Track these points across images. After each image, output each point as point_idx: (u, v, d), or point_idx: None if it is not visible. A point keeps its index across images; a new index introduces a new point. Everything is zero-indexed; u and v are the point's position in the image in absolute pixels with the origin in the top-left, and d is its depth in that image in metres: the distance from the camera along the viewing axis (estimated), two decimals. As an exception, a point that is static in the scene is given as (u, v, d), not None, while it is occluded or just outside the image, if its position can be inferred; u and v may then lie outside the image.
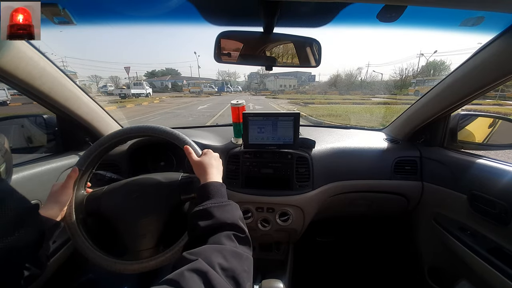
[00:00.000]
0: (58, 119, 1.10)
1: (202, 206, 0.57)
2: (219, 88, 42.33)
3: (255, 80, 68.13)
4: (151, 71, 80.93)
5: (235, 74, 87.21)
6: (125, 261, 0.69)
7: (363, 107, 14.33)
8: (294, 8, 0.71)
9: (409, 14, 0.63)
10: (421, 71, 45.30)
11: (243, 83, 75.29)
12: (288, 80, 60.28)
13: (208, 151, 0.76)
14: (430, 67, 48.65)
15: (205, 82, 43.92)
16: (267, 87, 58.60)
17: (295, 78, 62.68)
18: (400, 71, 47.10)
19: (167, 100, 24.11)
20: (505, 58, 0.77)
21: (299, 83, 62.21)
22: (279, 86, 58.07)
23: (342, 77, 54.86)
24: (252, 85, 65.19)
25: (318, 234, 1.73)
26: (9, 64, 0.72)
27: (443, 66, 48.06)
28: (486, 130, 1.15)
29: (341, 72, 56.90)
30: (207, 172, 0.68)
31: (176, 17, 0.74)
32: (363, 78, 55.75)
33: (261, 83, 63.28)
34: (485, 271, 0.85)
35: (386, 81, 44.67)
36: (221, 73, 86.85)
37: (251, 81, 71.38)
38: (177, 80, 60.56)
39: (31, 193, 0.85)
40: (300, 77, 64.14)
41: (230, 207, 0.59)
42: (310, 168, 1.13)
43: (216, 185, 0.64)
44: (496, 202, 0.85)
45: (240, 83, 71.96)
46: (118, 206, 0.72)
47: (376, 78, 52.95)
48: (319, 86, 55.53)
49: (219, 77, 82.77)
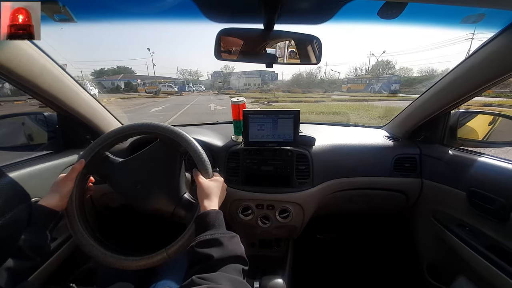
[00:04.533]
0: (59, 116, 1.10)
1: (211, 235, 0.58)
2: (179, 87, 40.10)
3: (219, 79, 65.28)
4: (99, 70, 71.50)
5: (198, 72, 79.03)
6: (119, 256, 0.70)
7: (325, 104, 14.60)
8: (295, 5, 0.71)
9: (410, 11, 0.63)
10: (372, 69, 49.44)
11: (206, 82, 69.44)
12: (253, 79, 59.27)
13: (217, 177, 0.77)
14: (379, 65, 54.11)
15: (163, 81, 41.26)
16: (231, 86, 56.80)
17: (259, 76, 61.31)
18: (354, 69, 51.32)
19: (116, 102, 21.27)
20: (506, 55, 0.76)
21: (263, 81, 60.95)
22: (244, 85, 56.97)
23: (303, 76, 56.40)
24: (216, 84, 61.88)
25: (318, 231, 1.74)
26: (10, 62, 0.72)
27: (388, 66, 54.80)
28: (486, 127, 1.15)
29: (302, 71, 57.87)
30: (210, 198, 0.69)
31: (177, 14, 0.73)
32: (323, 76, 58.50)
33: (225, 82, 60.73)
34: (484, 267, 0.86)
35: (342, 79, 46.04)
36: (182, 71, 79.68)
37: (214, 80, 68.36)
38: (131, 79, 54.02)
39: (31, 190, 0.85)
40: (264, 75, 62.60)
41: (237, 238, 0.60)
42: (310, 165, 1.14)
43: (217, 214, 0.65)
44: (494, 199, 0.85)
45: (203, 82, 66.49)
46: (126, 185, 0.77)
47: (334, 76, 55.73)
48: (283, 84, 56.28)
49: (179, 75, 74.87)
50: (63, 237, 0.99)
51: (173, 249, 0.68)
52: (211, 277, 0.46)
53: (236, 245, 0.58)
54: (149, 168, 0.78)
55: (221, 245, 0.55)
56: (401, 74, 55.03)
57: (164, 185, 0.77)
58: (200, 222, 0.64)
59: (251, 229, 1.22)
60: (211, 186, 0.72)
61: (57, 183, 0.70)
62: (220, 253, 0.53)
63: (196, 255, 0.54)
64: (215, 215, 0.64)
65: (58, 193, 0.67)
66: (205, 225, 0.62)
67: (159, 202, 0.76)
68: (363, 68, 51.77)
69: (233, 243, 0.57)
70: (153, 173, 0.78)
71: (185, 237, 0.68)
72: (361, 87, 32.78)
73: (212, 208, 0.66)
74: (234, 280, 0.47)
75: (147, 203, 0.76)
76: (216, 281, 0.44)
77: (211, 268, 0.50)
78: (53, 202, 0.65)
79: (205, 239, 0.57)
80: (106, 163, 0.79)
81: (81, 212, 0.74)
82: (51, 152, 1.10)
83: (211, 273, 0.47)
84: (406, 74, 59.18)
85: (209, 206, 0.67)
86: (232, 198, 1.14)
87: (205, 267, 0.51)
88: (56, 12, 0.62)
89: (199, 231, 0.62)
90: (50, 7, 0.60)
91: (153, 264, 0.69)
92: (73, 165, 0.73)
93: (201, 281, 0.44)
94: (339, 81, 45.34)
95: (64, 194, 0.68)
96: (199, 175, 0.74)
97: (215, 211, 0.66)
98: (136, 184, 0.76)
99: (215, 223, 0.62)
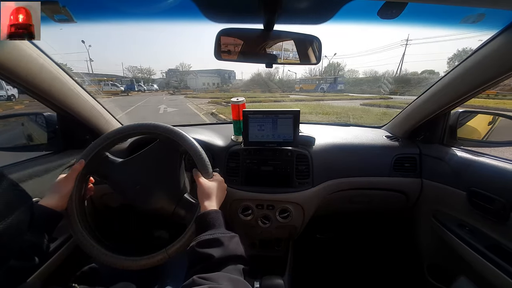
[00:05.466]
0: (59, 117, 1.10)
1: (211, 235, 0.58)
2: (126, 86, 35.97)
3: (175, 77, 59.84)
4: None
5: (150, 70, 71.12)
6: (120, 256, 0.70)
7: (283, 104, 14.50)
8: (295, 5, 0.71)
9: (409, 11, 0.63)
10: (324, 70, 52.29)
11: (160, 80, 62.95)
12: (212, 78, 57.24)
13: (217, 177, 0.78)
14: (331, 67, 58.42)
15: (106, 80, 35.21)
16: (188, 85, 52.70)
17: (218, 76, 59.30)
18: (309, 70, 55.04)
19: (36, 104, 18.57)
20: (506, 55, 0.76)
21: (223, 81, 59.11)
22: (202, 84, 54.43)
23: (262, 76, 56.56)
24: (171, 83, 56.90)
25: (318, 231, 1.74)
26: (9, 62, 0.72)
27: (339, 67, 59.81)
28: (486, 127, 1.15)
29: (261, 71, 57.89)
30: (210, 198, 0.70)
31: (177, 15, 0.73)
32: (281, 77, 59.65)
33: (182, 81, 56.17)
34: (484, 267, 0.86)
35: (302, 79, 46.57)
36: (130, 69, 69.50)
37: (169, 78, 62.45)
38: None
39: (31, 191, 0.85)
40: (223, 75, 60.86)
41: (237, 238, 0.60)
42: (310, 165, 1.14)
43: (217, 214, 0.65)
44: (495, 199, 0.85)
45: (156, 81, 60.96)
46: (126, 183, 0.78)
47: (291, 77, 56.41)
48: (243, 84, 55.33)
49: (127, 73, 66.26)
50: (63, 237, 0.99)
51: (173, 249, 0.69)
52: (211, 277, 0.46)
53: (236, 245, 0.58)
54: (149, 168, 0.78)
55: (221, 245, 0.55)
56: (349, 76, 59.16)
57: (164, 185, 0.77)
58: (200, 222, 0.64)
59: (251, 229, 1.22)
60: (211, 186, 0.72)
61: (57, 184, 0.70)
62: (220, 253, 0.53)
63: (197, 255, 0.54)
64: (215, 215, 0.64)
65: (58, 194, 0.68)
66: (205, 225, 0.62)
67: (159, 202, 0.76)
68: (317, 69, 53.50)
69: (234, 243, 0.58)
70: (153, 173, 0.78)
71: (186, 237, 0.69)
72: (311, 87, 35.96)
73: (212, 208, 0.67)
74: (234, 280, 0.47)
75: (147, 203, 0.76)
76: (216, 281, 0.44)
77: (212, 268, 0.50)
78: (53, 202, 0.66)
79: (205, 239, 0.57)
80: (106, 163, 0.79)
81: (81, 212, 0.74)
82: (51, 152, 1.10)
83: (212, 273, 0.47)
84: (353, 75, 62.20)
85: (209, 206, 0.67)
86: (232, 198, 1.14)
87: (205, 267, 0.51)
88: (56, 12, 0.62)
89: (199, 231, 0.63)
90: (50, 7, 0.60)
91: (153, 264, 0.69)
92: (73, 166, 0.73)
93: (202, 281, 0.44)
94: (294, 82, 47.14)
95: (64, 194, 0.68)
96: (199, 175, 0.74)
97: (215, 211, 0.66)
98: (136, 184, 0.76)
99: (215, 223, 0.62)
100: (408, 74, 50.21)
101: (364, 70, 76.92)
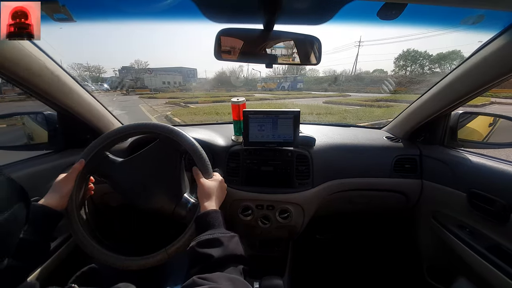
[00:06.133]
0: (59, 116, 1.10)
1: (211, 235, 0.58)
2: None
3: (130, 75, 52.51)
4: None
5: (99, 68, 62.55)
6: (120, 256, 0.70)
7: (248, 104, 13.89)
8: (295, 6, 0.71)
9: (409, 12, 0.63)
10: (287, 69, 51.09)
11: (113, 79, 52.63)
12: (172, 76, 52.29)
13: (217, 176, 0.78)
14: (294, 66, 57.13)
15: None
16: (146, 84, 46.54)
17: (180, 74, 54.74)
18: (274, 69, 52.71)
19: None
20: (505, 56, 0.76)
21: (185, 80, 54.65)
22: (162, 83, 49.27)
23: (227, 74, 55.90)
24: (125, 82, 47.97)
25: (318, 231, 1.74)
26: (9, 61, 0.72)
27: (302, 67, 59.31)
28: (486, 128, 1.15)
29: (225, 70, 57.22)
30: (210, 198, 0.70)
31: (176, 14, 0.73)
32: (246, 75, 58.33)
33: (139, 80, 49.13)
34: (484, 268, 0.86)
35: (264, 77, 46.36)
36: (75, 66, 58.55)
37: (123, 77, 54.04)
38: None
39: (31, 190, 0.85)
40: (186, 73, 56.38)
41: (237, 238, 0.61)
42: (310, 165, 1.13)
43: (217, 214, 0.66)
44: (495, 200, 0.85)
45: (108, 80, 51.30)
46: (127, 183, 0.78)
47: (256, 75, 54.88)
48: (207, 82, 53.11)
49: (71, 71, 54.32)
50: (63, 236, 0.99)
51: (173, 249, 0.69)
52: (211, 277, 0.46)
53: (236, 245, 0.58)
54: (149, 168, 0.78)
55: (221, 245, 0.55)
56: (311, 74, 58.34)
57: (164, 185, 0.78)
58: (200, 222, 0.64)
59: (251, 229, 1.22)
60: (211, 186, 0.72)
61: (57, 183, 0.70)
62: (220, 253, 0.53)
63: (197, 255, 0.54)
64: (215, 215, 0.64)
65: (58, 193, 0.68)
66: (205, 224, 0.62)
67: (160, 202, 0.76)
68: (280, 68, 52.71)
69: (233, 243, 0.58)
70: (153, 172, 0.78)
71: (186, 236, 0.69)
72: (273, 85, 37.01)
73: (212, 208, 0.67)
74: (234, 280, 0.47)
75: (148, 203, 0.76)
76: (216, 281, 0.44)
77: (212, 268, 0.50)
78: (53, 201, 0.66)
79: (205, 239, 0.57)
80: (106, 163, 0.79)
81: (81, 212, 0.74)
82: (51, 151, 1.10)
83: (212, 273, 0.47)
84: (314, 74, 61.77)
85: (209, 206, 0.67)
86: (232, 198, 1.14)
87: (205, 267, 0.51)
88: (56, 11, 0.62)
89: (199, 230, 0.63)
90: (49, 6, 0.60)
91: (153, 263, 0.69)
92: (73, 165, 0.73)
93: (202, 281, 0.44)
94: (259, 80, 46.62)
95: (64, 193, 0.69)
96: (199, 175, 0.74)
97: (215, 211, 0.66)
98: (136, 183, 0.76)
99: (215, 223, 0.62)
100: (362, 73, 52.98)
101: (324, 69, 79.53)
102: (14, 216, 0.44)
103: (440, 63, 46.00)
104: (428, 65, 48.52)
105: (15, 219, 0.45)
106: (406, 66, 51.52)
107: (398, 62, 53.21)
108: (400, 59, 52.85)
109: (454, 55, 44.89)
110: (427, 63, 48.79)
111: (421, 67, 49.20)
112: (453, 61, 43.59)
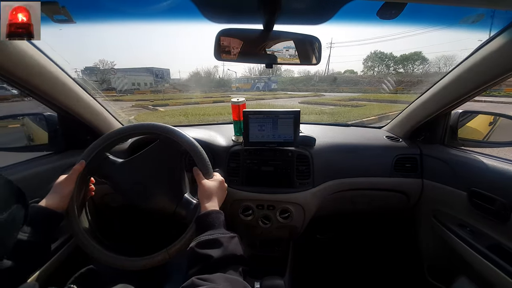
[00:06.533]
0: (59, 117, 1.10)
1: (211, 235, 0.58)
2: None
3: (94, 76, 47.17)
4: None
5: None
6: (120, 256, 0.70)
7: (224, 105, 13.24)
8: (294, 6, 0.71)
9: (409, 12, 0.63)
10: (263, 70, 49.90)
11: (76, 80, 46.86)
12: (143, 77, 49.54)
13: (217, 177, 0.77)
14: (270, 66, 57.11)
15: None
16: (113, 86, 42.37)
17: (151, 74, 52.03)
18: (249, 70, 54.01)
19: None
20: (505, 55, 0.76)
21: (157, 81, 51.90)
22: (132, 84, 46.26)
23: (201, 75, 54.42)
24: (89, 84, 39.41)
25: (318, 231, 1.74)
26: (9, 62, 0.72)
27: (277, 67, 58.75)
28: (487, 127, 1.15)
29: (200, 70, 55.57)
30: (211, 198, 0.70)
31: (176, 15, 0.74)
32: (221, 76, 56.43)
33: (104, 81, 44.89)
34: (484, 267, 0.86)
35: (239, 78, 45.79)
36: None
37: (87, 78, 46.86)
38: None
39: (32, 192, 0.85)
40: (157, 73, 53.90)
41: (237, 239, 0.60)
42: (310, 165, 1.13)
43: (217, 214, 0.65)
44: (495, 199, 0.85)
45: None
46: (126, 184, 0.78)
47: (231, 76, 53.60)
48: (180, 83, 50.86)
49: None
50: (63, 237, 0.99)
51: (174, 249, 0.69)
52: (210, 277, 0.46)
53: (235, 245, 0.58)
54: (150, 169, 0.78)
55: (221, 245, 0.55)
56: (286, 75, 57.98)
57: (164, 185, 0.78)
58: (201, 222, 0.64)
59: (251, 229, 1.22)
60: (212, 186, 0.72)
61: (58, 184, 0.70)
62: (219, 254, 0.53)
63: (196, 255, 0.54)
64: (215, 215, 0.64)
65: (59, 194, 0.68)
66: (206, 225, 0.62)
67: (160, 202, 0.76)
68: (256, 68, 51.47)
69: (233, 243, 0.58)
70: (153, 173, 0.78)
71: (186, 236, 0.69)
72: (248, 86, 36.96)
73: (212, 208, 0.67)
74: (233, 281, 0.47)
75: (148, 203, 0.76)
76: (215, 282, 0.44)
77: (211, 269, 0.50)
78: (54, 203, 0.66)
79: (205, 239, 0.57)
80: (106, 164, 0.79)
81: (82, 213, 0.74)
82: (52, 153, 1.10)
83: (211, 274, 0.47)
84: (289, 74, 60.99)
85: (210, 206, 0.67)
86: (233, 199, 1.14)
87: (204, 268, 0.51)
88: (56, 12, 0.62)
89: (199, 231, 0.63)
90: (49, 7, 0.60)
91: (154, 264, 0.69)
92: (74, 166, 0.73)
93: (201, 282, 0.44)
94: (233, 81, 46.11)
95: (65, 195, 0.68)
96: (200, 175, 0.74)
97: (215, 211, 0.66)
98: (137, 184, 0.76)
99: (215, 223, 0.62)
100: (334, 73, 53.10)
101: (298, 69, 77.91)
102: (12, 217, 0.44)
103: (404, 64, 47.00)
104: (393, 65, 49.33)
105: (13, 220, 0.45)
106: (374, 66, 52.54)
107: (366, 63, 54.22)
108: (368, 60, 53.76)
109: (416, 56, 45.89)
110: (392, 64, 49.55)
111: (387, 67, 50.02)
112: (415, 62, 45.16)
